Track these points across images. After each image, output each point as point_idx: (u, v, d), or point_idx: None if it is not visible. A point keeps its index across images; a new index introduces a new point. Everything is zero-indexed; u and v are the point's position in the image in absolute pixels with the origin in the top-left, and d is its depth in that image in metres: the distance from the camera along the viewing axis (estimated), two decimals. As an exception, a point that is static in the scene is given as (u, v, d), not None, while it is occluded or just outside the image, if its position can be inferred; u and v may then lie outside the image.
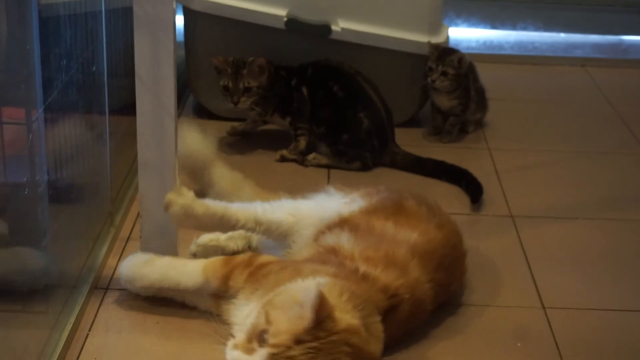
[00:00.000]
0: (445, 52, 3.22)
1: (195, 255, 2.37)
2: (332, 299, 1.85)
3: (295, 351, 1.77)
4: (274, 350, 1.77)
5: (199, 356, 2.05)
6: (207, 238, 2.39)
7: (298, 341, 1.77)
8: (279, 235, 2.28)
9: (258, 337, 1.81)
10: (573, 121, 3.57)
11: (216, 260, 2.13)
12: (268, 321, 1.81)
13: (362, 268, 2.03)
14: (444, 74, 3.18)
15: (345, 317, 1.84)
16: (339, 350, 1.80)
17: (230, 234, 2.39)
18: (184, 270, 2.13)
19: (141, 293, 2.17)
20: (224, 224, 2.26)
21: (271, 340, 1.78)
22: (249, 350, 1.81)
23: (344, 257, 2.08)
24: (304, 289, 1.85)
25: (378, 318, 1.94)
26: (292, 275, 1.97)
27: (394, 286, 2.02)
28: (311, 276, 1.95)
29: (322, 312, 1.78)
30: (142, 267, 2.16)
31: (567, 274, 2.47)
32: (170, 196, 2.22)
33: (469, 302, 2.31)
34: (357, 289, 1.94)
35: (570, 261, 2.55)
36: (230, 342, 1.85)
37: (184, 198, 2.22)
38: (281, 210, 2.29)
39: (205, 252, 2.37)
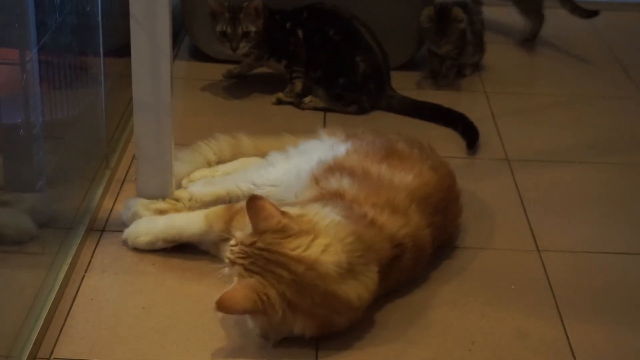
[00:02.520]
0: (443, 16, 3.14)
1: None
2: (336, 236, 1.86)
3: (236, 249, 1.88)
4: (232, 242, 1.90)
5: (197, 297, 2.06)
6: (198, 174, 2.44)
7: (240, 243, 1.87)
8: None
9: None
10: (570, 65, 3.56)
11: (218, 208, 2.16)
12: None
13: (370, 214, 2.02)
14: (449, 39, 3.16)
15: (316, 250, 1.85)
16: (279, 272, 1.83)
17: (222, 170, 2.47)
18: (187, 219, 2.16)
19: (147, 248, 2.17)
20: (220, 203, 2.31)
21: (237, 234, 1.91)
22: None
23: (350, 201, 2.08)
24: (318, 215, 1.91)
25: (374, 269, 1.93)
26: None
27: (399, 235, 2.02)
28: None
29: (260, 225, 1.86)
30: (146, 224, 2.18)
31: (562, 217, 2.48)
32: (165, 206, 2.27)
33: (464, 245, 2.32)
34: (364, 233, 1.94)
35: (565, 204, 2.56)
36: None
37: (184, 199, 2.29)
38: (264, 183, 2.32)
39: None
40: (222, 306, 1.81)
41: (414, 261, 2.06)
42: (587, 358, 1.95)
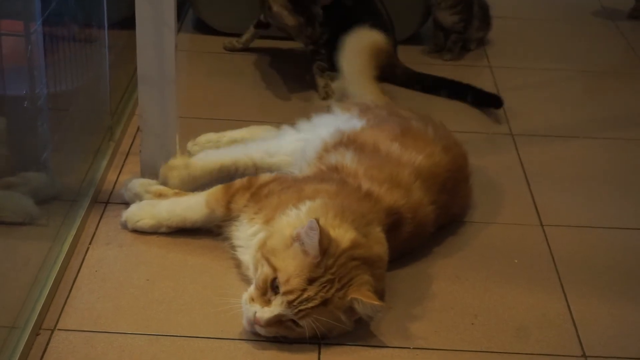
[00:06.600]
0: None
1: (190, 153, 2.41)
2: (320, 220, 1.85)
3: (312, 291, 1.77)
4: (291, 297, 1.77)
5: (200, 268, 2.07)
6: (204, 138, 2.45)
7: (311, 280, 1.78)
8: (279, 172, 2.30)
9: (270, 286, 1.80)
10: (576, 40, 3.55)
11: (217, 190, 2.15)
12: (273, 269, 1.80)
13: (365, 186, 2.04)
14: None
15: (340, 232, 1.85)
16: (349, 267, 1.81)
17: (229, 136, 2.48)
18: (189, 205, 2.15)
19: (149, 231, 2.17)
20: (224, 175, 2.30)
21: (284, 287, 1.78)
22: (267, 302, 1.80)
23: (346, 175, 2.08)
24: (295, 223, 1.86)
25: (378, 228, 1.95)
26: (294, 196, 1.98)
27: (396, 206, 2.03)
28: (310, 197, 1.96)
29: (324, 242, 1.78)
30: (150, 208, 2.17)
31: (565, 192, 2.48)
32: (165, 170, 2.26)
33: (468, 219, 2.32)
34: (351, 204, 1.95)
35: (568, 180, 2.56)
36: (245, 297, 1.84)
37: (180, 167, 2.26)
38: (279, 152, 2.32)
39: (202, 149, 2.42)
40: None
41: (412, 235, 2.08)
42: (589, 332, 1.95)
